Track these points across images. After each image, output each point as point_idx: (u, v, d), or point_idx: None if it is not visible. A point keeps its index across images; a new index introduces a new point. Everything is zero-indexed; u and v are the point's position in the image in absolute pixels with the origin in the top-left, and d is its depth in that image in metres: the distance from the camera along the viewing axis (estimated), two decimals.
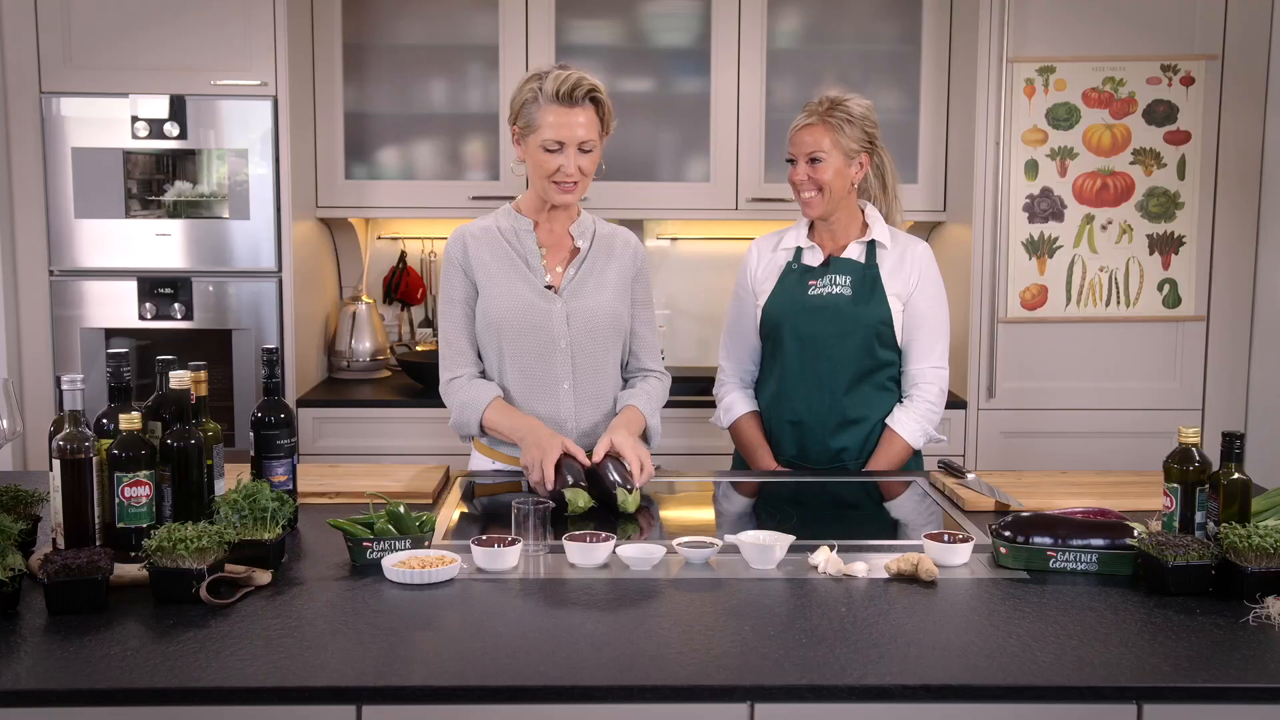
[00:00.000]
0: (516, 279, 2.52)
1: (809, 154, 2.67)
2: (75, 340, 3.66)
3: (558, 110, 2.42)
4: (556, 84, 2.41)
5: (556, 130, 2.43)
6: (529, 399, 2.53)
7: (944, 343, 2.76)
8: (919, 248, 2.75)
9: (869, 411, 2.71)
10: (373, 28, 3.92)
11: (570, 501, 2.28)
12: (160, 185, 3.64)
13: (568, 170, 2.45)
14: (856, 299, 2.67)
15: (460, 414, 2.52)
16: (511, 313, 2.50)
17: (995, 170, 3.68)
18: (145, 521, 1.92)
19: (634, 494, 2.29)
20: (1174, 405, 3.77)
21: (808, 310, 2.70)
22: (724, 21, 3.88)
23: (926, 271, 2.73)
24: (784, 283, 2.76)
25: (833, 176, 2.66)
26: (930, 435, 2.74)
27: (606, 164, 4.03)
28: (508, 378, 2.54)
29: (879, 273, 2.69)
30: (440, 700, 1.50)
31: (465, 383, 2.53)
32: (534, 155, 2.47)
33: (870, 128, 2.71)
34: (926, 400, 2.71)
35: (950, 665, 1.56)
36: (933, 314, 2.73)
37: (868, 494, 2.56)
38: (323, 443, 3.71)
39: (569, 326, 2.52)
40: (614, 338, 2.57)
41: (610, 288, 2.57)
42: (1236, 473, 1.94)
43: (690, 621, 1.71)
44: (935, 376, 2.73)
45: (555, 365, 2.52)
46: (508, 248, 2.55)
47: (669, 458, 3.72)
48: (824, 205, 2.69)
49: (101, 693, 1.48)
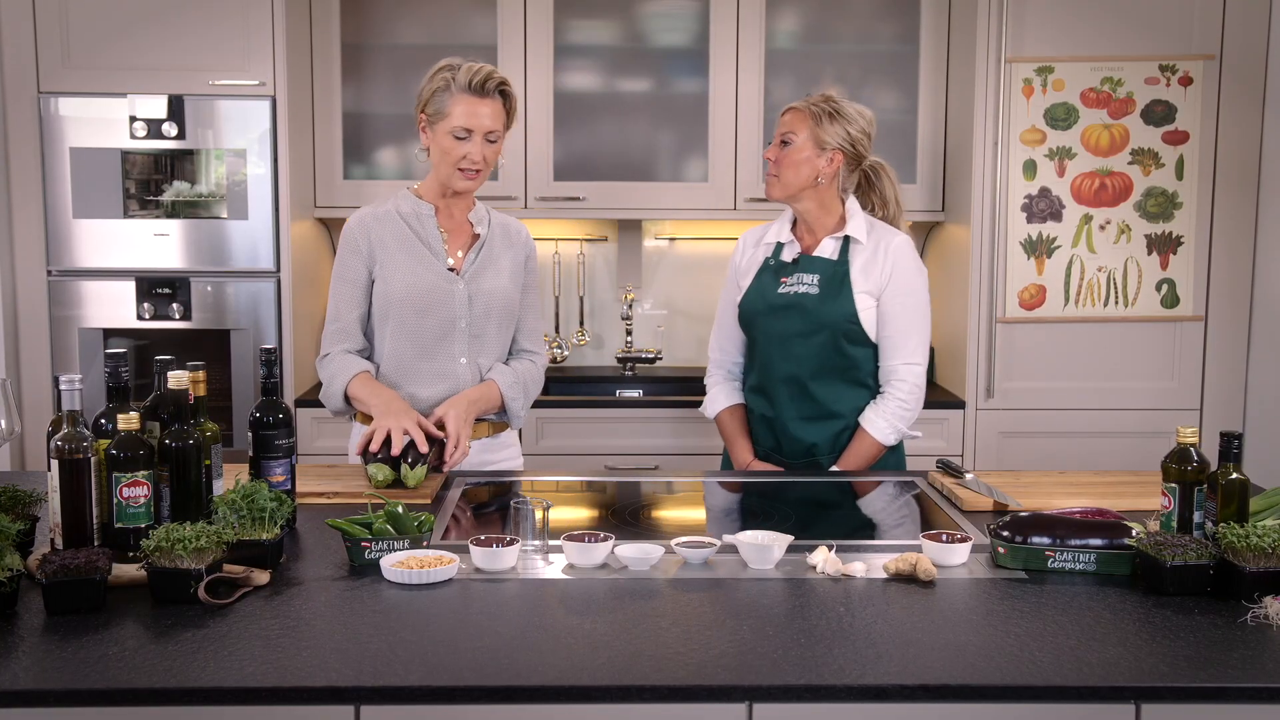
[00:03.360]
0: (419, 261, 2.62)
1: (782, 135, 2.70)
2: (73, 340, 3.66)
3: (468, 100, 2.54)
4: (469, 75, 2.54)
5: (466, 119, 2.54)
6: (425, 375, 2.63)
7: (918, 338, 2.71)
8: (895, 241, 2.71)
9: (841, 408, 2.71)
10: (371, 28, 3.92)
11: (371, 476, 2.40)
12: (158, 185, 3.64)
13: (474, 158, 2.57)
14: (823, 297, 2.68)
15: (328, 386, 2.63)
16: (415, 292, 2.59)
17: (993, 170, 3.69)
18: (143, 522, 1.92)
19: (417, 470, 2.38)
20: (1172, 405, 3.77)
21: (775, 308, 2.73)
22: (722, 21, 3.88)
23: (899, 265, 2.69)
24: (760, 278, 2.79)
25: (797, 162, 2.67)
26: (902, 433, 2.71)
27: (605, 164, 4.06)
28: (406, 355, 2.62)
29: (849, 270, 2.68)
30: (438, 700, 1.50)
31: (337, 356, 2.63)
32: (442, 142, 2.57)
33: (858, 132, 2.69)
34: (897, 397, 2.69)
35: (948, 665, 1.56)
36: (905, 309, 2.69)
37: (867, 494, 2.57)
38: (321, 443, 3.71)
39: (470, 308, 2.63)
40: (509, 320, 2.71)
41: (506, 273, 2.69)
42: (1235, 472, 1.94)
43: (688, 621, 1.71)
44: (907, 373, 2.70)
45: (454, 344, 2.64)
46: (409, 231, 2.64)
47: (668, 457, 3.72)
48: (781, 189, 2.71)
49: (100, 693, 1.48)
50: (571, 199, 3.93)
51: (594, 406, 3.78)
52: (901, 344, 2.70)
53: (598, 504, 2.51)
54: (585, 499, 2.57)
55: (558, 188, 3.93)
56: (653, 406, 3.77)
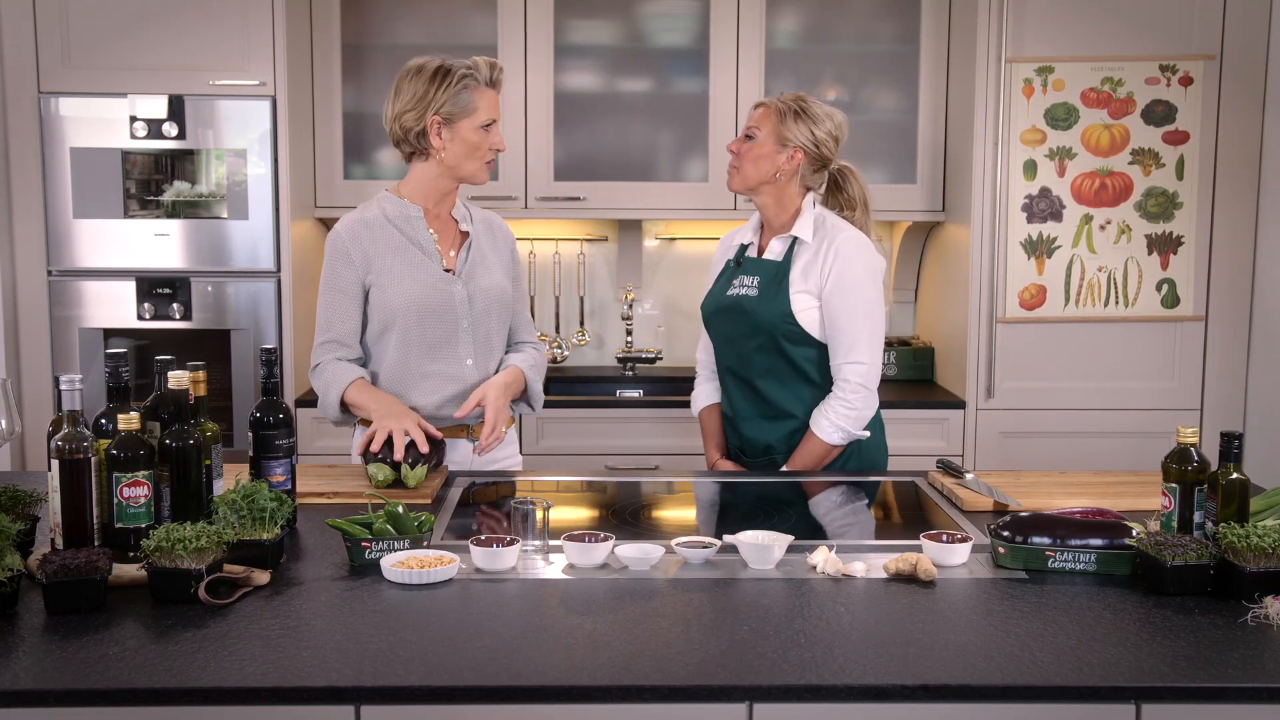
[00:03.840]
0: (416, 266, 2.61)
1: (747, 129, 2.73)
2: (74, 340, 3.66)
3: (489, 91, 2.59)
4: (489, 70, 2.59)
5: (492, 110, 2.60)
6: (433, 377, 2.62)
7: (865, 338, 2.65)
8: (839, 239, 2.66)
9: (793, 407, 2.71)
10: (371, 28, 3.92)
11: (371, 476, 2.40)
12: (159, 185, 3.64)
13: (502, 145, 2.63)
14: (760, 298, 2.69)
15: (324, 396, 2.61)
16: (416, 298, 2.59)
17: (994, 170, 3.69)
18: (144, 522, 1.92)
19: (417, 470, 2.39)
20: (1172, 405, 3.77)
21: (721, 310, 2.78)
22: (723, 21, 3.88)
23: (839, 265, 2.64)
24: (719, 279, 2.85)
25: (757, 156, 2.69)
26: (849, 433, 2.67)
27: (605, 164, 4.06)
28: (411, 362, 2.62)
29: (789, 271, 2.68)
30: (438, 700, 1.50)
31: (329, 365, 2.61)
32: (470, 137, 2.58)
33: (823, 134, 2.69)
34: (841, 398, 2.65)
35: (948, 665, 1.56)
36: (845, 307, 2.64)
37: (865, 494, 2.57)
38: (321, 443, 3.71)
39: (471, 307, 2.63)
40: (506, 314, 2.72)
41: (498, 268, 2.71)
42: (1235, 472, 1.94)
43: (689, 621, 1.71)
44: (851, 373, 2.65)
45: (459, 346, 2.64)
46: (400, 235, 2.63)
47: (668, 457, 3.72)
48: (740, 181, 2.74)
49: (100, 693, 1.48)
50: (572, 199, 3.93)
51: (594, 406, 3.78)
52: (845, 344, 2.66)
53: (598, 504, 2.51)
54: (585, 499, 2.57)
55: (558, 188, 3.93)
56: (653, 406, 3.77)
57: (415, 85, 2.56)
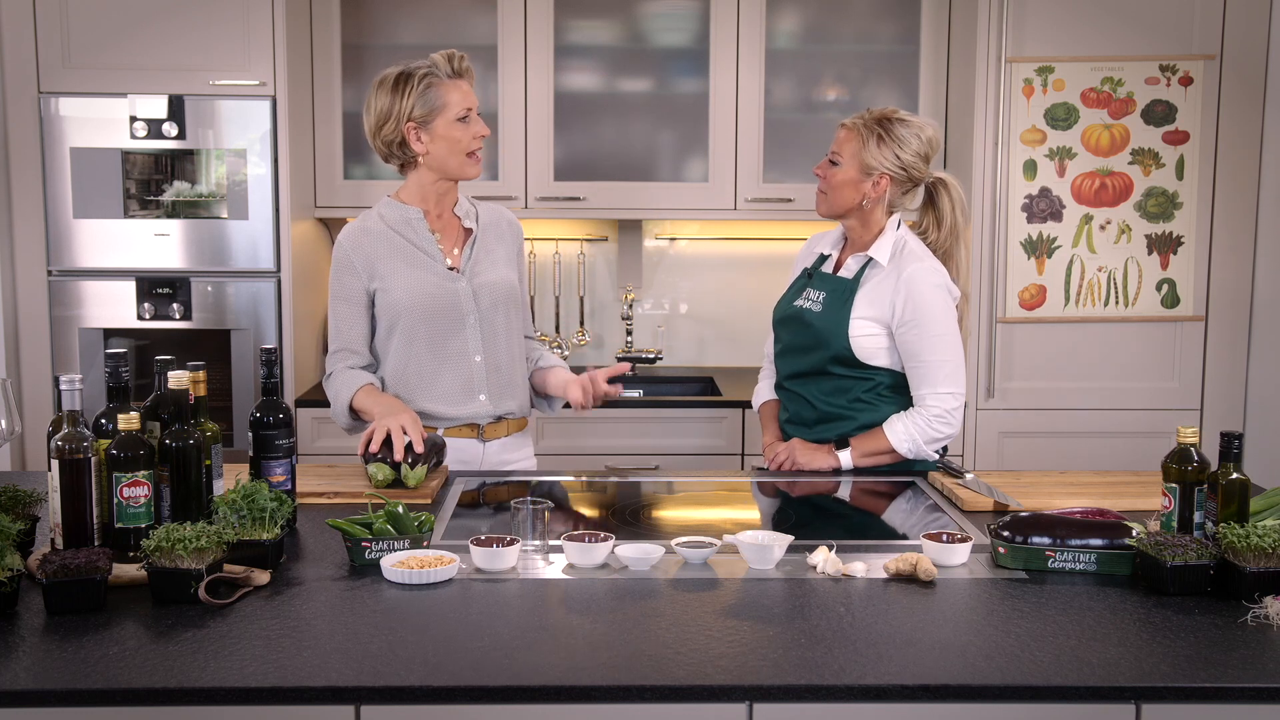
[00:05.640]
0: (418, 267, 2.62)
1: (831, 154, 2.67)
2: (74, 340, 3.66)
3: (455, 83, 2.57)
4: (447, 62, 2.57)
5: (464, 100, 2.57)
6: (441, 375, 2.63)
7: (947, 369, 2.60)
8: (908, 271, 2.59)
9: (852, 413, 2.68)
10: (371, 28, 3.92)
11: (371, 476, 2.40)
12: (159, 185, 3.64)
13: (483, 131, 2.59)
14: (824, 315, 2.66)
15: (335, 403, 2.63)
16: (421, 299, 2.59)
17: (994, 170, 3.69)
18: (144, 522, 1.92)
19: (417, 470, 2.38)
20: (1172, 405, 3.77)
21: (786, 319, 2.77)
22: (723, 21, 3.88)
23: (912, 297, 2.58)
24: (793, 285, 2.83)
25: (841, 184, 2.64)
26: (919, 448, 2.62)
27: (605, 164, 4.06)
28: (420, 361, 2.62)
29: (856, 292, 2.64)
30: (439, 700, 1.50)
31: (340, 373, 2.63)
32: (449, 133, 2.57)
33: (910, 155, 2.60)
34: (927, 414, 2.61)
35: (949, 665, 1.56)
36: (920, 339, 2.59)
37: (866, 494, 2.56)
38: (321, 443, 3.71)
39: (476, 303, 2.63)
40: (515, 308, 2.71)
41: (504, 263, 2.71)
42: (1235, 472, 1.94)
43: (689, 621, 1.71)
44: (935, 402, 2.60)
45: (467, 341, 2.64)
46: (401, 240, 2.64)
47: (668, 458, 3.72)
48: (827, 208, 2.70)
49: (100, 693, 1.48)
50: (572, 199, 3.93)
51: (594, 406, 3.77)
52: (926, 375, 2.61)
53: (598, 504, 2.51)
54: (585, 499, 2.57)
55: (558, 188, 3.93)
56: (653, 407, 3.76)
57: (381, 99, 2.57)
